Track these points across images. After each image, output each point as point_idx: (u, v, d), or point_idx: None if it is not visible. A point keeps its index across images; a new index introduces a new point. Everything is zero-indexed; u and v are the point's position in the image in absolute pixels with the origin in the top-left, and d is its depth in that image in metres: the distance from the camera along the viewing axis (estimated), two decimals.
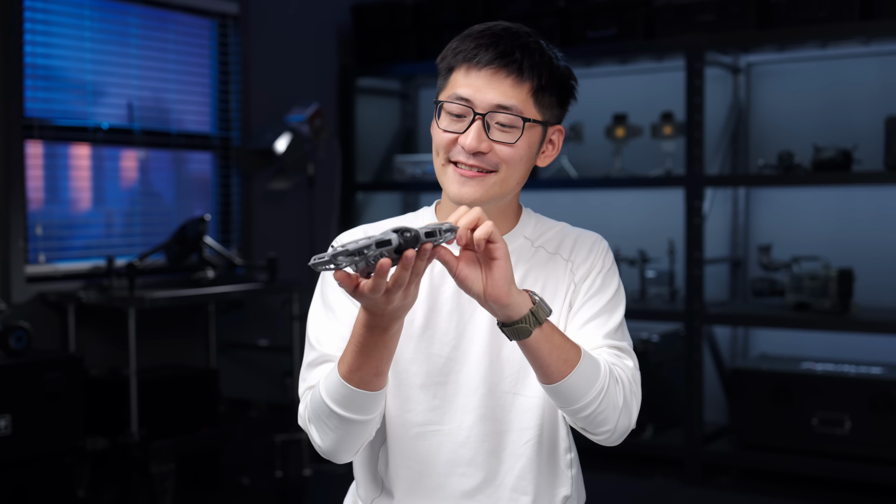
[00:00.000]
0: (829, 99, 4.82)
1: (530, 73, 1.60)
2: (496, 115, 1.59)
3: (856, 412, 4.23)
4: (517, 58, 1.60)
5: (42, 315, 4.10)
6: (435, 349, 1.67)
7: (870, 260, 4.64)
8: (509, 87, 1.59)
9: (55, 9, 4.24)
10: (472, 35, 1.63)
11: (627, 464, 4.71)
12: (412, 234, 1.36)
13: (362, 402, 1.53)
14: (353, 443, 1.60)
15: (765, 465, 4.43)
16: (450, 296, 1.67)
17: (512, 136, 1.60)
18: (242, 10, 4.96)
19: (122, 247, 4.53)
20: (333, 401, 1.54)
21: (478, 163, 1.60)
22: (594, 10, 4.79)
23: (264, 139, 4.77)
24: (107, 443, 3.97)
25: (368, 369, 1.51)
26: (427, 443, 1.67)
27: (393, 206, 5.80)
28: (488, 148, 1.59)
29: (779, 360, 4.64)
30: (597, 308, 1.66)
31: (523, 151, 1.62)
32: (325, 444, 1.60)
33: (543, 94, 1.63)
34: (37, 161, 4.22)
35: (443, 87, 1.65)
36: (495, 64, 1.59)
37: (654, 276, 4.94)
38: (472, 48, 1.60)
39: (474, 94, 1.59)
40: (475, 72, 1.60)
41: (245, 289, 4.41)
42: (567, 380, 1.52)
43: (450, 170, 1.62)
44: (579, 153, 5.22)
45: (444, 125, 1.62)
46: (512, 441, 1.67)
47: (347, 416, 1.54)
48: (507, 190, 1.64)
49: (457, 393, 1.66)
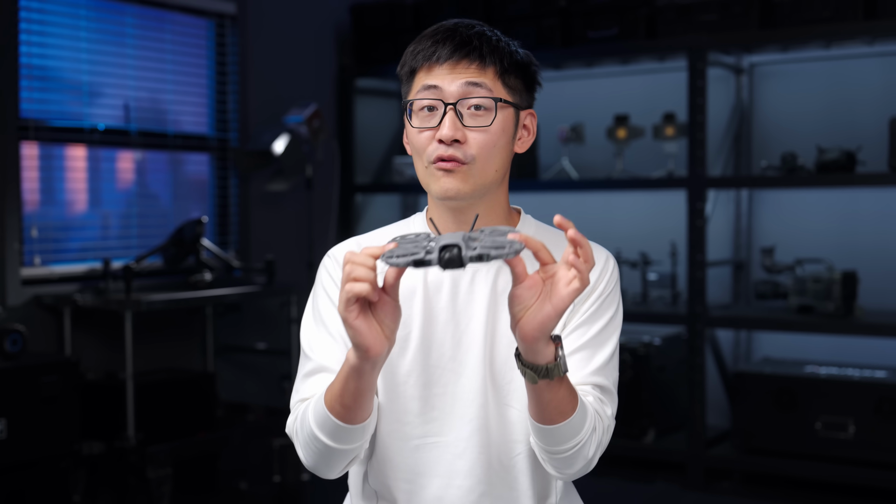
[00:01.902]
0: (832, 100, 4.83)
1: (491, 57, 1.62)
2: (468, 101, 1.61)
3: (860, 416, 4.25)
4: (476, 45, 1.62)
5: (38, 318, 4.11)
6: (432, 360, 1.67)
7: (874, 262, 4.65)
8: (474, 72, 1.62)
9: (51, 8, 4.25)
10: (427, 35, 1.65)
11: (629, 468, 4.72)
12: (452, 256, 1.34)
13: (346, 435, 1.55)
14: (336, 466, 1.62)
15: (768, 469, 4.44)
16: (445, 305, 1.68)
17: (485, 119, 1.62)
18: (240, 9, 4.98)
19: (119, 249, 4.54)
20: (319, 428, 1.56)
21: (455, 153, 1.60)
22: (595, 10, 4.80)
23: (262, 140, 4.78)
24: (103, 447, 3.98)
25: (353, 406, 1.53)
26: (426, 455, 1.67)
27: (392, 208, 5.81)
28: (464, 137, 1.60)
29: (782, 363, 4.65)
30: (587, 337, 1.65)
31: (498, 136, 1.63)
32: (308, 462, 1.63)
33: (508, 77, 1.64)
34: (32, 162, 4.24)
35: (407, 92, 1.67)
36: (456, 55, 1.61)
37: (655, 278, 4.95)
38: (430, 46, 1.63)
39: (443, 85, 1.61)
40: (437, 67, 1.62)
41: (243, 291, 4.42)
42: (554, 428, 1.53)
43: (432, 169, 1.63)
44: (580, 154, 5.24)
45: (416, 124, 1.64)
46: (506, 452, 1.68)
47: (332, 445, 1.57)
48: (488, 179, 1.64)
49: (454, 404, 1.67)
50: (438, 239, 1.36)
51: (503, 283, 1.68)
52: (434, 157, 1.61)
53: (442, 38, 1.63)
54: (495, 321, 1.67)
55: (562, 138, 5.04)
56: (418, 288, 1.68)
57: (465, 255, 1.33)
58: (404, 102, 1.67)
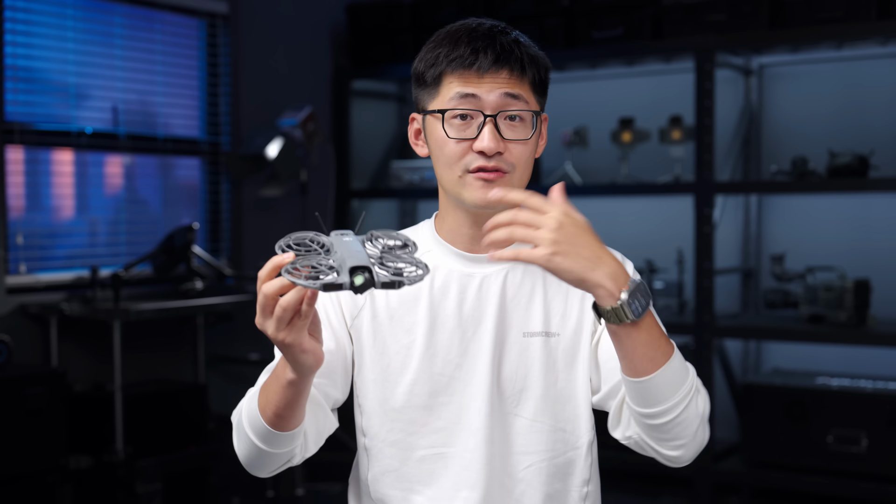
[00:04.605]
0: (844, 102, 4.83)
1: (530, 67, 1.65)
2: (506, 112, 1.63)
3: (873, 429, 4.25)
4: (518, 55, 1.64)
5: (23, 328, 4.11)
6: (437, 368, 1.68)
7: (887, 270, 4.65)
8: (514, 83, 1.63)
9: (37, 8, 4.26)
10: (460, 38, 1.65)
11: (634, 482, 4.72)
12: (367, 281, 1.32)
13: (279, 440, 1.57)
14: (268, 466, 1.63)
15: (777, 484, 4.43)
16: (451, 313, 1.68)
17: (522, 131, 1.64)
18: (232, 9, 4.99)
19: (107, 256, 4.55)
20: (252, 432, 1.58)
21: (497, 164, 1.63)
22: (600, 10, 4.81)
23: (255, 144, 4.78)
24: (91, 461, 3.98)
25: (287, 415, 1.54)
26: (432, 466, 1.68)
27: (389, 214, 5.82)
28: (504, 147, 1.63)
29: (792, 374, 4.65)
30: None
31: (534, 146, 1.67)
32: (242, 459, 1.64)
33: (538, 86, 1.68)
34: (17, 167, 4.24)
35: (432, 96, 1.67)
36: (499, 64, 1.63)
37: (662, 286, 4.96)
38: (469, 53, 1.63)
39: (482, 95, 1.62)
40: (476, 77, 1.63)
41: (235, 300, 4.42)
42: (650, 378, 1.50)
43: (468, 178, 1.64)
44: (584, 158, 5.24)
45: (452, 133, 1.64)
46: (513, 464, 1.68)
47: (265, 448, 1.58)
48: (522, 187, 1.67)
49: (461, 413, 1.67)
50: (342, 257, 1.34)
51: (512, 288, 1.69)
52: (474, 167, 1.63)
53: (482, 46, 1.63)
54: (504, 328, 1.67)
55: (565, 142, 5.05)
56: (423, 293, 1.68)
57: (377, 281, 1.32)
58: (432, 109, 1.66)
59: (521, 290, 1.70)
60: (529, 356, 1.68)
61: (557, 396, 1.68)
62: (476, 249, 1.70)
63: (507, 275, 1.69)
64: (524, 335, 1.68)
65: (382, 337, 1.69)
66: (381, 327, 1.70)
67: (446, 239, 1.72)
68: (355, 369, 1.71)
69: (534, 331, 1.68)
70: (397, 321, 1.69)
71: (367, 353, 1.70)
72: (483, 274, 1.69)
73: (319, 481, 4.65)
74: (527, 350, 1.68)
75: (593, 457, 1.73)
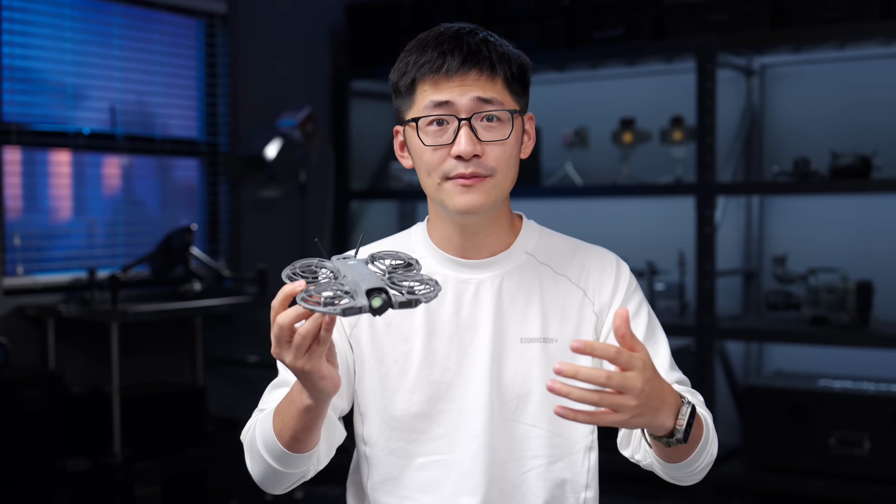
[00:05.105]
0: (847, 102, 4.83)
1: (500, 65, 1.63)
2: (480, 114, 1.61)
3: (875, 432, 4.24)
4: (486, 54, 1.62)
5: (20, 330, 4.11)
6: (436, 376, 1.68)
7: (890, 272, 4.65)
8: (485, 83, 1.62)
9: (34, 8, 4.26)
10: (429, 44, 1.64)
11: (635, 485, 4.71)
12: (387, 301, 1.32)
13: (294, 461, 1.57)
14: (282, 484, 1.64)
15: (779, 487, 4.43)
16: (448, 319, 1.68)
17: (500, 132, 1.62)
18: (231, 9, 4.99)
19: (105, 258, 4.55)
20: (267, 453, 1.58)
21: (476, 168, 1.61)
22: (600, 10, 4.81)
23: (254, 145, 4.78)
24: (88, 464, 3.98)
25: (303, 438, 1.55)
26: (432, 473, 1.68)
27: (389, 216, 5.82)
28: (482, 151, 1.61)
29: (794, 376, 4.65)
30: (640, 336, 1.69)
31: (513, 147, 1.65)
32: (255, 477, 1.65)
33: (514, 84, 1.65)
34: (14, 168, 4.24)
35: (409, 105, 1.66)
36: (467, 65, 1.61)
37: (663, 288, 4.95)
38: (436, 57, 1.61)
39: (454, 99, 1.61)
40: (445, 80, 1.61)
41: (233, 302, 4.42)
42: (684, 462, 1.59)
43: (447, 185, 1.63)
44: (585, 159, 5.24)
45: (428, 141, 1.63)
46: (513, 470, 1.68)
47: (279, 469, 1.59)
48: (506, 190, 1.66)
49: (460, 420, 1.67)
50: (354, 280, 1.34)
51: (508, 294, 1.68)
52: (454, 173, 1.62)
53: (450, 49, 1.62)
54: (502, 334, 1.67)
55: (565, 143, 5.05)
56: None
57: (395, 301, 1.32)
58: (408, 119, 1.66)
59: (517, 296, 1.70)
60: (528, 362, 1.68)
61: (557, 402, 1.68)
62: (468, 256, 1.70)
63: (503, 280, 1.69)
64: (521, 341, 1.68)
65: (380, 345, 1.70)
66: (378, 336, 1.70)
67: (439, 245, 1.72)
68: (356, 378, 1.71)
69: (531, 336, 1.68)
70: (394, 329, 1.69)
71: (367, 362, 1.70)
72: (478, 280, 1.69)
73: (318, 484, 4.65)
74: (525, 356, 1.68)
75: (592, 462, 1.73)
